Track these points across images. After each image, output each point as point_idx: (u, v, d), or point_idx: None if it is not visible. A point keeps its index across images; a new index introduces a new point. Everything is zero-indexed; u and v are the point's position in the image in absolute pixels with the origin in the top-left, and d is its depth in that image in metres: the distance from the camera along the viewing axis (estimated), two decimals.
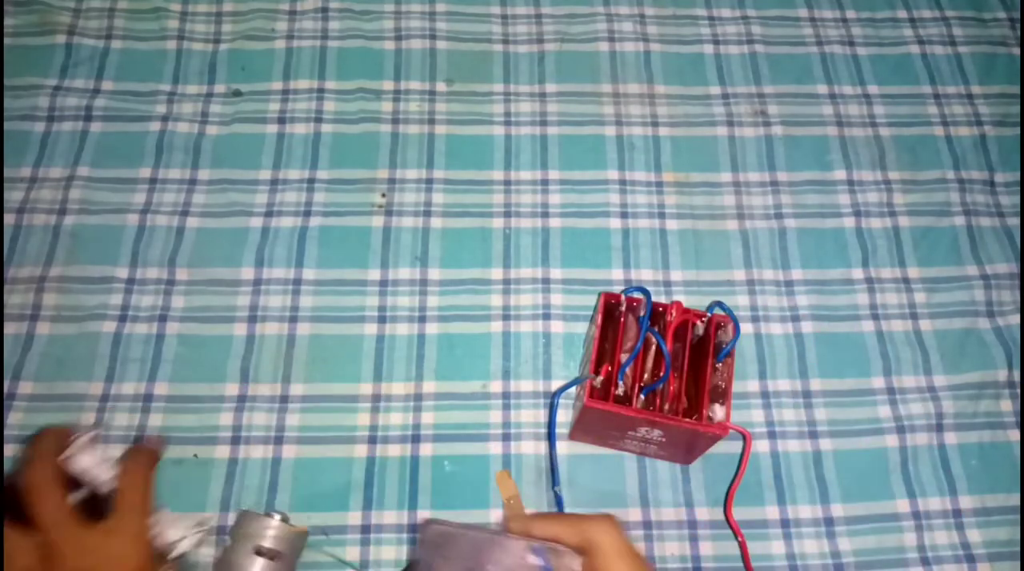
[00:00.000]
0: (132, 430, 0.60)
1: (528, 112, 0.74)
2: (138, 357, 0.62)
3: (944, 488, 0.61)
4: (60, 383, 0.61)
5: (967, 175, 0.73)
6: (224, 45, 0.75)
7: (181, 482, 0.58)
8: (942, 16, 0.81)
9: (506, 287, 0.66)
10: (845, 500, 0.60)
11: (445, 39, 0.77)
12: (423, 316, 0.65)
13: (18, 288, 0.64)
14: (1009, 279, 0.69)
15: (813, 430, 0.63)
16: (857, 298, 0.68)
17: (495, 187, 0.70)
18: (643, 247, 0.69)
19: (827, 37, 0.79)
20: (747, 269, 0.68)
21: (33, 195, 0.67)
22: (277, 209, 0.68)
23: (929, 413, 0.63)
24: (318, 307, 0.65)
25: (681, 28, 0.79)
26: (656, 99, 0.75)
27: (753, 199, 0.71)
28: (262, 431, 0.60)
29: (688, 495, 0.60)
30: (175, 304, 0.64)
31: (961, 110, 0.76)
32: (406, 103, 0.74)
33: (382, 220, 0.68)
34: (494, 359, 0.64)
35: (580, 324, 0.65)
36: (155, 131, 0.71)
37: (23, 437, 0.59)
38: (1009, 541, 0.60)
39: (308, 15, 0.77)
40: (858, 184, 0.72)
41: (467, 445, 0.60)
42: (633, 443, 0.59)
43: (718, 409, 0.53)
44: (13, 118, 0.70)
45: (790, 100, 0.76)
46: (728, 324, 0.56)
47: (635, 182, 0.71)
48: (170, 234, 0.67)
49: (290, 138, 0.71)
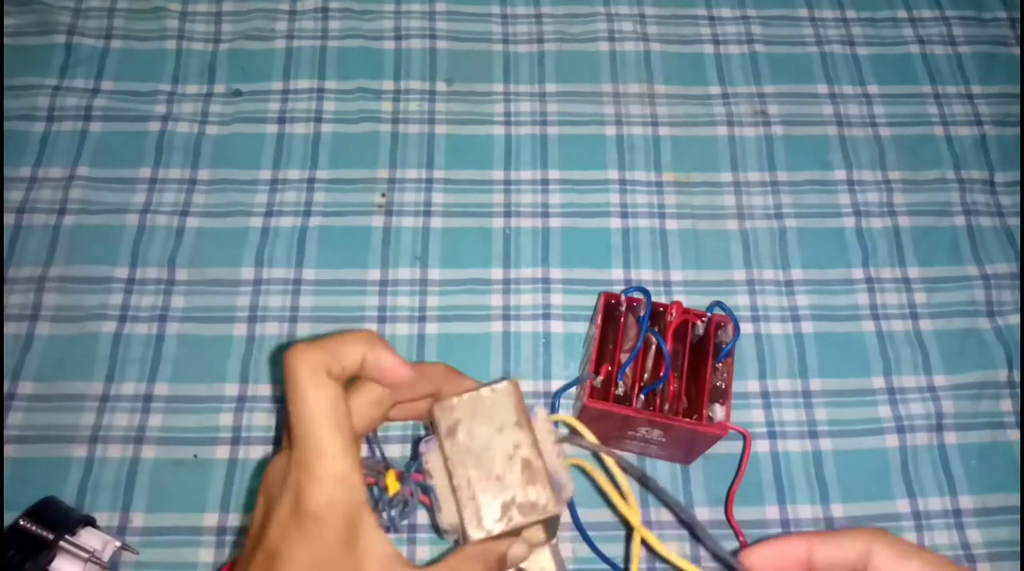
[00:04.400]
0: (132, 430, 0.60)
1: (528, 112, 0.74)
2: (138, 357, 0.62)
3: (944, 488, 0.61)
4: (60, 383, 0.61)
5: (967, 175, 0.73)
6: (224, 45, 0.75)
7: (181, 482, 0.58)
8: (942, 16, 0.81)
9: (506, 287, 0.66)
10: (845, 500, 0.60)
11: (445, 39, 0.77)
12: (423, 316, 0.65)
13: (18, 288, 0.64)
14: (1009, 279, 0.69)
15: (813, 430, 0.63)
16: (857, 298, 0.68)
17: (495, 187, 0.70)
18: (643, 247, 0.69)
19: (827, 37, 0.79)
20: (747, 269, 0.68)
21: (33, 195, 0.67)
22: (277, 209, 0.68)
23: (929, 413, 0.63)
24: (318, 307, 0.65)
25: (681, 28, 0.79)
26: (656, 99, 0.75)
27: (753, 199, 0.71)
28: (262, 431, 0.60)
29: (688, 495, 0.60)
30: (175, 304, 0.64)
31: (961, 110, 0.76)
32: (406, 103, 0.74)
33: (382, 220, 0.68)
34: (494, 359, 0.64)
35: (580, 324, 0.65)
36: (155, 131, 0.71)
37: (23, 437, 0.59)
38: (1009, 541, 0.60)
39: (308, 15, 0.77)
40: (858, 184, 0.72)
41: None
42: (633, 443, 0.59)
43: (718, 409, 0.53)
44: (13, 118, 0.70)
45: (790, 100, 0.76)
46: (728, 324, 0.56)
47: (635, 182, 0.71)
48: (170, 234, 0.67)
49: (290, 138, 0.71)
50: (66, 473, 0.58)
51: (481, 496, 0.36)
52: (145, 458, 0.59)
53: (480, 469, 0.36)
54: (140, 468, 0.59)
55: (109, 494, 0.57)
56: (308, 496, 0.31)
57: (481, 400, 0.38)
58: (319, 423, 0.31)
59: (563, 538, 0.57)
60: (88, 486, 0.58)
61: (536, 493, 0.36)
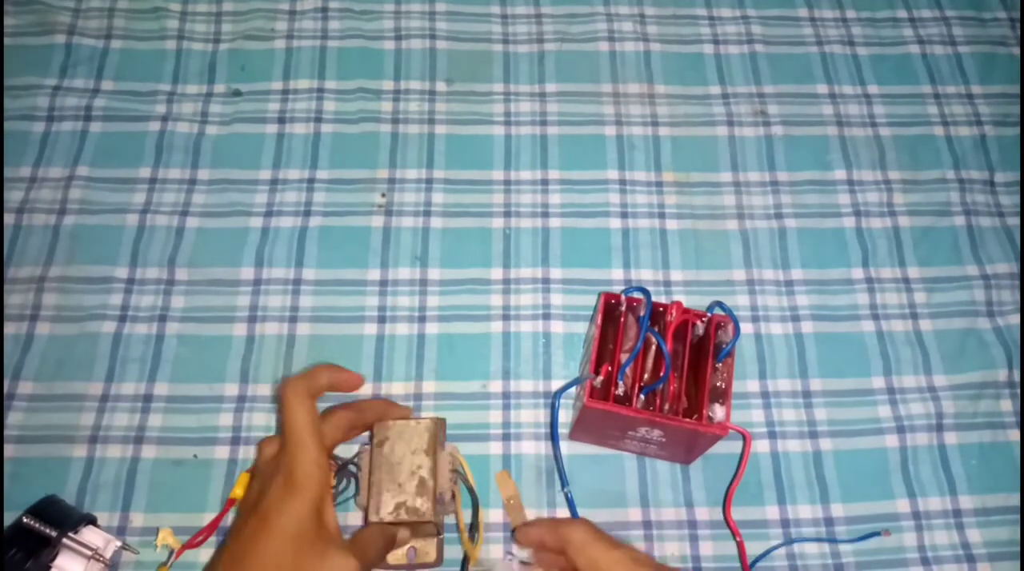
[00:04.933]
0: (132, 430, 0.60)
1: (528, 112, 0.74)
2: (138, 357, 0.62)
3: (944, 488, 0.61)
4: (60, 383, 0.61)
5: (967, 175, 0.73)
6: (224, 45, 0.75)
7: (181, 482, 0.58)
8: (942, 16, 0.81)
9: (506, 287, 0.66)
10: (845, 500, 0.60)
11: (445, 39, 0.77)
12: (423, 316, 0.65)
13: (18, 288, 0.64)
14: (1009, 279, 0.69)
15: (813, 430, 0.63)
16: (857, 298, 0.68)
17: (495, 187, 0.70)
18: (643, 247, 0.69)
19: (827, 37, 0.79)
20: (747, 269, 0.68)
21: (33, 195, 0.67)
22: (277, 209, 0.68)
23: (929, 413, 0.63)
24: (318, 307, 0.65)
25: (681, 28, 0.79)
26: (656, 99, 0.75)
27: (753, 199, 0.71)
28: (262, 431, 0.60)
29: (688, 495, 0.60)
30: (175, 304, 0.64)
31: (961, 110, 0.76)
32: (406, 103, 0.74)
33: (382, 220, 0.68)
34: (494, 359, 0.64)
35: (580, 324, 0.65)
36: (155, 131, 0.71)
37: (23, 437, 0.59)
38: (1009, 541, 0.60)
39: (308, 15, 0.77)
40: (858, 184, 0.72)
41: (467, 445, 0.60)
42: (633, 443, 0.59)
43: (718, 409, 0.53)
44: (12, 118, 0.70)
45: (790, 100, 0.76)
46: (728, 324, 0.56)
47: (635, 182, 0.71)
48: (170, 234, 0.67)
49: (290, 138, 0.71)
50: (66, 473, 0.58)
51: (384, 494, 0.51)
52: (145, 458, 0.59)
53: (390, 475, 0.51)
54: (140, 468, 0.59)
55: (109, 494, 0.57)
56: (295, 472, 0.45)
57: (407, 427, 0.53)
58: (302, 427, 0.47)
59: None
60: (88, 486, 0.58)
61: (421, 502, 0.51)
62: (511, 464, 0.60)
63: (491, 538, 0.58)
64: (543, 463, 0.60)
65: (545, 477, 0.60)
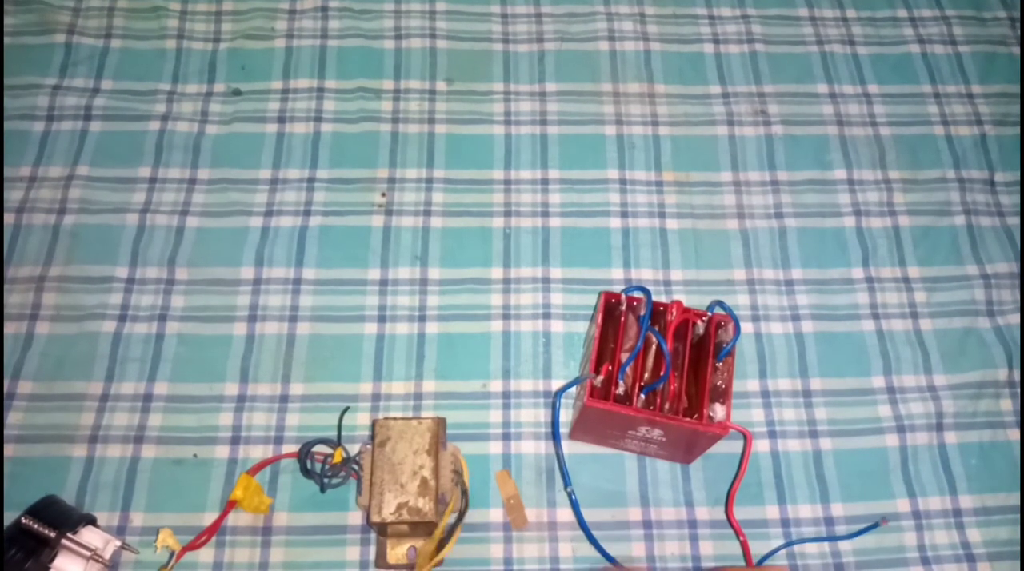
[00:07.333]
0: (132, 430, 0.60)
1: (528, 111, 0.74)
2: (138, 357, 0.62)
3: (944, 488, 0.61)
4: (60, 383, 0.61)
5: (967, 174, 0.73)
6: (224, 44, 0.75)
7: (181, 482, 0.58)
8: (942, 15, 0.81)
9: (506, 286, 0.66)
10: (845, 500, 0.60)
11: (445, 38, 0.77)
12: (423, 315, 0.65)
13: (18, 288, 0.64)
14: (1009, 279, 0.69)
15: (813, 430, 0.63)
16: (857, 297, 0.68)
17: (495, 186, 0.70)
18: (643, 246, 0.68)
19: (827, 36, 0.79)
20: (747, 268, 0.68)
21: (32, 195, 0.67)
22: (277, 208, 0.68)
23: (929, 413, 0.63)
24: (318, 307, 0.65)
25: (681, 27, 0.79)
26: (656, 98, 0.75)
27: (753, 198, 0.71)
28: (262, 431, 0.60)
29: (688, 494, 0.60)
30: (175, 304, 0.64)
31: (961, 109, 0.76)
32: (406, 102, 0.73)
33: (382, 219, 0.68)
34: (494, 359, 0.64)
35: (580, 324, 0.65)
36: (155, 130, 0.71)
37: (23, 437, 0.59)
38: (1009, 541, 0.60)
39: (308, 14, 0.77)
40: (858, 183, 0.72)
41: (467, 445, 0.60)
42: (633, 443, 0.59)
43: (718, 409, 0.53)
44: (12, 117, 0.70)
45: (790, 99, 0.76)
46: (728, 323, 0.56)
47: (635, 181, 0.71)
48: (170, 234, 0.67)
49: (290, 137, 0.71)
50: (66, 473, 0.58)
51: (387, 494, 0.51)
52: (145, 458, 0.59)
53: (392, 475, 0.52)
54: (140, 468, 0.59)
55: (109, 494, 0.57)
56: None
57: (409, 427, 0.53)
58: None
59: (564, 537, 0.58)
60: (88, 486, 0.58)
61: (423, 503, 0.51)
62: (511, 464, 0.60)
63: (491, 538, 0.58)
64: (543, 463, 0.60)
65: (545, 477, 0.60)
